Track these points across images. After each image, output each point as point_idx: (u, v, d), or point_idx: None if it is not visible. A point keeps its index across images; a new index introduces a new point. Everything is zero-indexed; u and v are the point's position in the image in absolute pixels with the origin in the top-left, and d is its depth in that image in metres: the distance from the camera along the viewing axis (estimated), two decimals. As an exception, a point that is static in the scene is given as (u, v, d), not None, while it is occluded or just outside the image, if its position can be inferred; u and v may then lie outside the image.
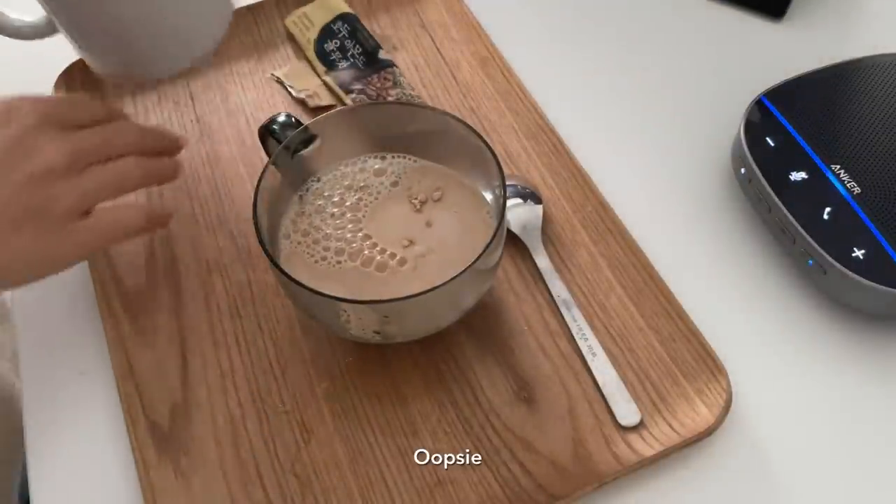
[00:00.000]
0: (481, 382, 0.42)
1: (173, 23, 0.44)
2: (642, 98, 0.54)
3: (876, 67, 0.49)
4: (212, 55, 0.47)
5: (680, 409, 0.40)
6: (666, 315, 0.43)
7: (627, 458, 0.39)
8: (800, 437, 0.41)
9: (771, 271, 0.46)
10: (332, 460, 0.40)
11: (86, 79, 0.55)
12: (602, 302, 0.44)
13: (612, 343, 0.43)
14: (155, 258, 0.47)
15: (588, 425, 0.40)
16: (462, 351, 0.43)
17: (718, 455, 0.40)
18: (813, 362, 0.43)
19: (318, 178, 0.44)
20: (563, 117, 0.52)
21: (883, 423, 0.41)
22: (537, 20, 0.59)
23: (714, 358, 0.42)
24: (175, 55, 0.45)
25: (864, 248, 0.42)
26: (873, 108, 0.47)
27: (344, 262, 0.41)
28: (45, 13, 0.46)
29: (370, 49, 0.55)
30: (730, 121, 0.50)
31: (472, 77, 0.55)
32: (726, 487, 0.39)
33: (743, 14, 0.58)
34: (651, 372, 0.42)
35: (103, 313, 0.45)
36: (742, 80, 0.51)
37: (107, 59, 0.47)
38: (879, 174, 0.44)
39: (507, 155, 0.51)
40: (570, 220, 0.47)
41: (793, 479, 0.40)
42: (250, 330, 0.44)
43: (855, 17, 0.57)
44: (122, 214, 0.42)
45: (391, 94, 0.53)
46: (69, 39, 0.47)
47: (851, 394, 0.42)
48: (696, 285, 0.45)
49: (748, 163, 0.46)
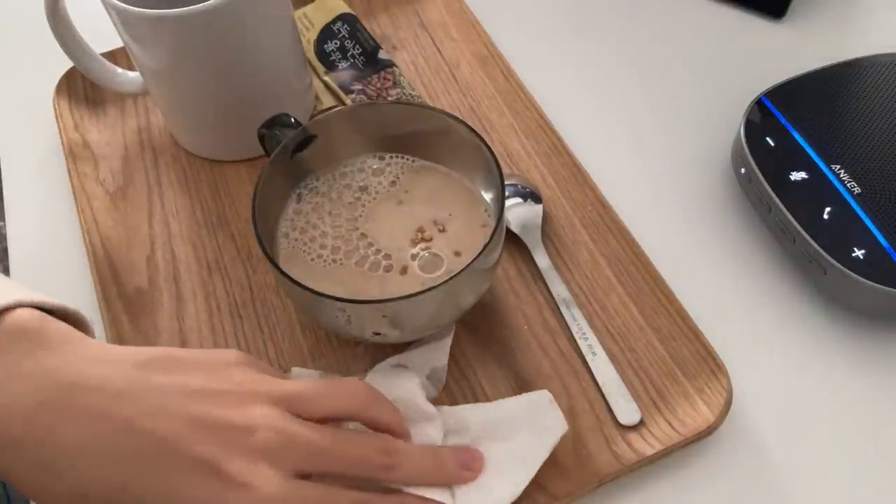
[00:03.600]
0: (481, 381, 0.42)
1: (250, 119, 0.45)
2: (642, 97, 0.54)
3: (876, 67, 0.49)
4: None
5: (680, 408, 0.40)
6: (666, 314, 0.43)
7: (628, 457, 0.39)
8: (800, 437, 0.41)
9: (771, 271, 0.46)
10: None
11: (88, 83, 0.55)
12: (602, 301, 0.44)
13: (612, 342, 0.43)
14: (155, 258, 0.47)
15: (588, 424, 0.40)
16: (462, 350, 0.43)
17: (719, 454, 0.40)
18: (813, 362, 0.43)
19: (317, 177, 0.44)
20: (563, 116, 0.52)
21: (883, 423, 0.41)
22: (537, 19, 0.59)
23: (714, 357, 0.41)
24: (250, 146, 0.46)
25: (864, 248, 0.42)
26: (873, 108, 0.47)
27: (341, 261, 0.41)
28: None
29: (370, 49, 0.55)
30: (730, 121, 0.50)
31: (471, 76, 0.55)
32: (726, 486, 0.39)
33: (743, 14, 0.58)
34: (651, 371, 0.42)
35: (103, 313, 0.45)
36: (742, 80, 0.51)
37: (184, 139, 0.52)
38: (880, 174, 0.44)
39: (506, 154, 0.51)
40: (570, 219, 0.47)
41: (793, 478, 0.39)
42: (250, 330, 0.44)
43: (855, 17, 0.57)
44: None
45: (391, 93, 0.53)
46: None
47: (851, 394, 0.42)
48: (696, 285, 0.45)
49: (748, 163, 0.46)
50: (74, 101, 0.55)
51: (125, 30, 0.45)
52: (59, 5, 0.46)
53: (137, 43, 0.45)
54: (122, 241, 0.48)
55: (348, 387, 0.35)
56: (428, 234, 0.42)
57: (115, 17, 0.44)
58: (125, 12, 0.42)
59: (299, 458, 0.31)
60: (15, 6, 0.63)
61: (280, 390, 0.33)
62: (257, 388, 0.33)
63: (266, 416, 0.31)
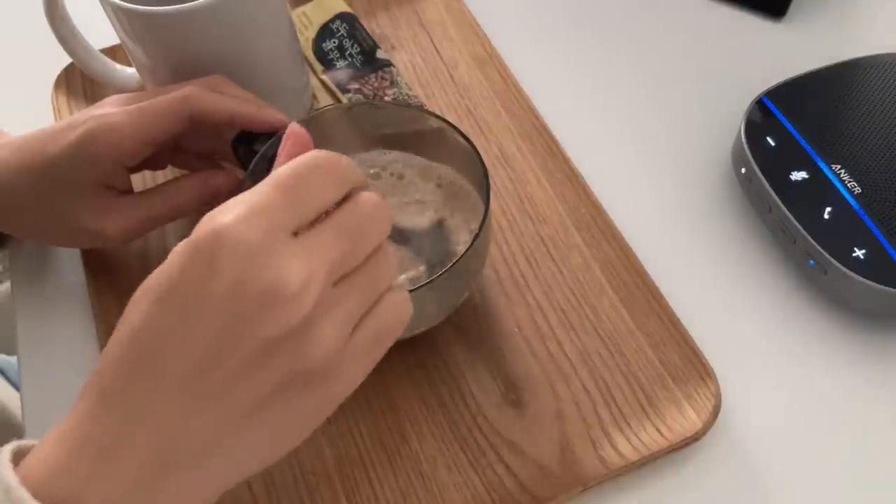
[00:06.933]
0: (469, 384, 0.42)
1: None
2: (642, 98, 0.54)
3: (876, 67, 0.48)
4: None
5: (668, 413, 0.40)
6: (657, 318, 0.43)
7: (614, 462, 0.39)
8: (793, 442, 0.40)
9: (771, 271, 0.46)
10: (318, 459, 0.40)
11: (86, 79, 0.55)
12: (593, 304, 0.44)
13: (602, 346, 0.42)
14: (149, 255, 0.48)
15: (576, 429, 0.40)
16: (451, 352, 0.43)
17: (707, 460, 0.40)
18: (812, 364, 0.42)
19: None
20: (561, 118, 0.52)
21: (883, 427, 0.40)
22: (536, 20, 0.59)
23: (704, 362, 0.41)
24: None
25: (864, 248, 0.41)
26: (874, 108, 0.46)
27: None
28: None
29: (368, 48, 0.55)
30: (730, 121, 0.50)
31: (469, 77, 0.54)
32: (713, 493, 0.39)
33: (743, 14, 0.57)
34: (640, 375, 0.41)
35: (95, 310, 0.45)
36: (742, 80, 0.51)
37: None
38: (880, 174, 0.44)
39: (502, 156, 0.50)
40: (563, 222, 0.47)
41: (781, 486, 0.39)
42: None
43: (855, 17, 0.57)
44: (391, 312, 0.30)
45: (388, 93, 0.53)
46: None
47: (850, 396, 0.41)
48: (696, 286, 0.45)
49: (748, 162, 0.46)
50: (73, 97, 0.55)
51: (121, 26, 0.45)
52: (58, 2, 0.47)
53: (133, 40, 0.45)
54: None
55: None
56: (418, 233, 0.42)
57: (110, 13, 0.44)
58: (120, 9, 0.42)
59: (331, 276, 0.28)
60: (14, 2, 0.64)
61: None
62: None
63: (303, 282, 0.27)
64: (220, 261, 0.26)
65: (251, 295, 0.26)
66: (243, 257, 0.26)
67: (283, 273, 0.26)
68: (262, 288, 0.26)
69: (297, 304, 0.26)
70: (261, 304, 0.26)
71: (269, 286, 0.26)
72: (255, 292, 0.26)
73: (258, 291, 0.26)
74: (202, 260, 0.26)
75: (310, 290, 0.27)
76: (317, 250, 0.28)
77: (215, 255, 0.26)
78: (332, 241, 0.28)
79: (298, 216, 0.28)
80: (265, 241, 0.27)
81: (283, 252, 0.27)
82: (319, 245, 0.28)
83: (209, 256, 0.26)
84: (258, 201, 0.27)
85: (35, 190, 0.41)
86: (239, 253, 0.26)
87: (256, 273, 0.26)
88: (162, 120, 0.40)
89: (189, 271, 0.27)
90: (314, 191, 0.28)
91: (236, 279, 0.26)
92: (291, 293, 0.26)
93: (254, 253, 0.26)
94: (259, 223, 0.27)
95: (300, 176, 0.28)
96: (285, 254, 0.27)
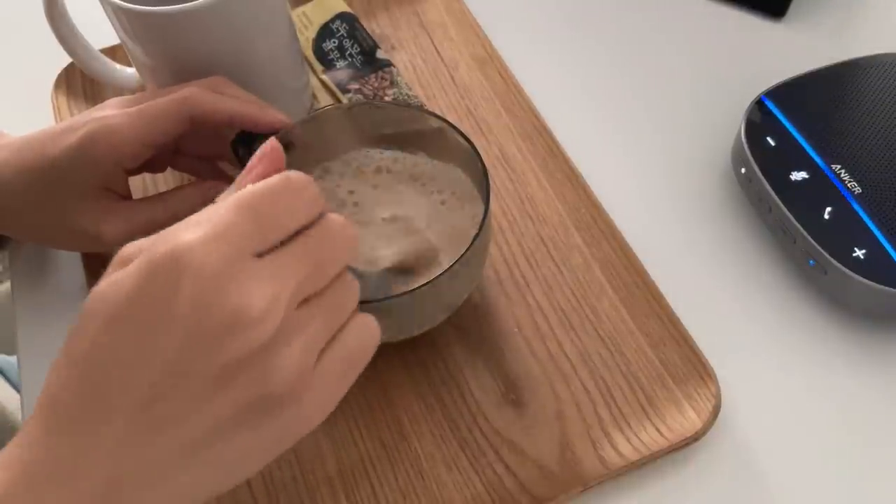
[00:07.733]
0: (469, 384, 0.42)
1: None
2: (642, 98, 0.54)
3: (876, 67, 0.48)
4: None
5: (668, 413, 0.40)
6: (657, 318, 0.43)
7: (614, 462, 0.38)
8: (793, 441, 0.40)
9: (771, 271, 0.46)
10: (318, 459, 0.40)
11: (86, 79, 0.55)
12: (594, 305, 0.44)
13: (602, 346, 0.42)
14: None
15: (576, 429, 0.40)
16: (451, 352, 0.43)
17: (707, 460, 0.40)
18: (812, 364, 0.42)
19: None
20: (561, 118, 0.52)
21: (883, 427, 0.40)
22: (537, 21, 0.59)
23: (704, 363, 0.41)
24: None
25: (864, 248, 0.41)
26: (874, 108, 0.46)
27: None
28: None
29: (368, 49, 0.55)
30: (730, 121, 0.50)
31: (469, 78, 0.54)
32: (713, 493, 0.39)
33: (743, 14, 0.57)
34: (640, 375, 0.41)
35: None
36: (742, 80, 0.51)
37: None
38: (880, 174, 0.44)
39: (502, 156, 0.50)
40: (563, 222, 0.47)
41: (781, 485, 0.39)
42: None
43: (855, 17, 0.57)
44: (360, 336, 0.30)
45: (388, 93, 0.53)
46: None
47: (850, 396, 0.41)
48: (696, 286, 0.45)
49: (748, 162, 0.46)
50: (73, 97, 0.55)
51: (120, 26, 0.45)
52: (58, 2, 0.47)
53: (133, 40, 0.45)
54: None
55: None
56: (418, 233, 0.42)
57: (110, 13, 0.44)
58: (120, 9, 0.43)
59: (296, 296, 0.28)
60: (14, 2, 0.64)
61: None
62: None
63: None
64: (182, 281, 0.25)
65: (214, 317, 0.26)
66: (207, 279, 0.26)
67: (247, 296, 0.26)
68: (226, 311, 0.26)
69: (261, 327, 0.26)
70: (225, 327, 0.26)
71: (234, 309, 0.26)
72: (219, 315, 0.26)
73: (222, 314, 0.26)
74: (163, 280, 0.26)
75: (273, 312, 0.26)
76: (281, 272, 0.27)
77: (178, 276, 0.26)
78: (296, 262, 0.28)
79: (264, 239, 0.27)
80: (229, 264, 0.26)
81: (248, 275, 0.26)
82: (284, 267, 0.27)
83: (171, 277, 0.26)
84: (224, 222, 0.27)
85: (34, 191, 0.41)
86: (203, 275, 0.26)
87: (220, 296, 0.26)
88: (162, 121, 0.40)
89: (148, 291, 0.26)
90: (282, 214, 0.28)
91: (199, 302, 0.26)
92: (255, 316, 0.26)
93: (218, 275, 0.26)
94: (223, 246, 0.26)
95: (268, 199, 0.28)
96: (250, 276, 0.26)
